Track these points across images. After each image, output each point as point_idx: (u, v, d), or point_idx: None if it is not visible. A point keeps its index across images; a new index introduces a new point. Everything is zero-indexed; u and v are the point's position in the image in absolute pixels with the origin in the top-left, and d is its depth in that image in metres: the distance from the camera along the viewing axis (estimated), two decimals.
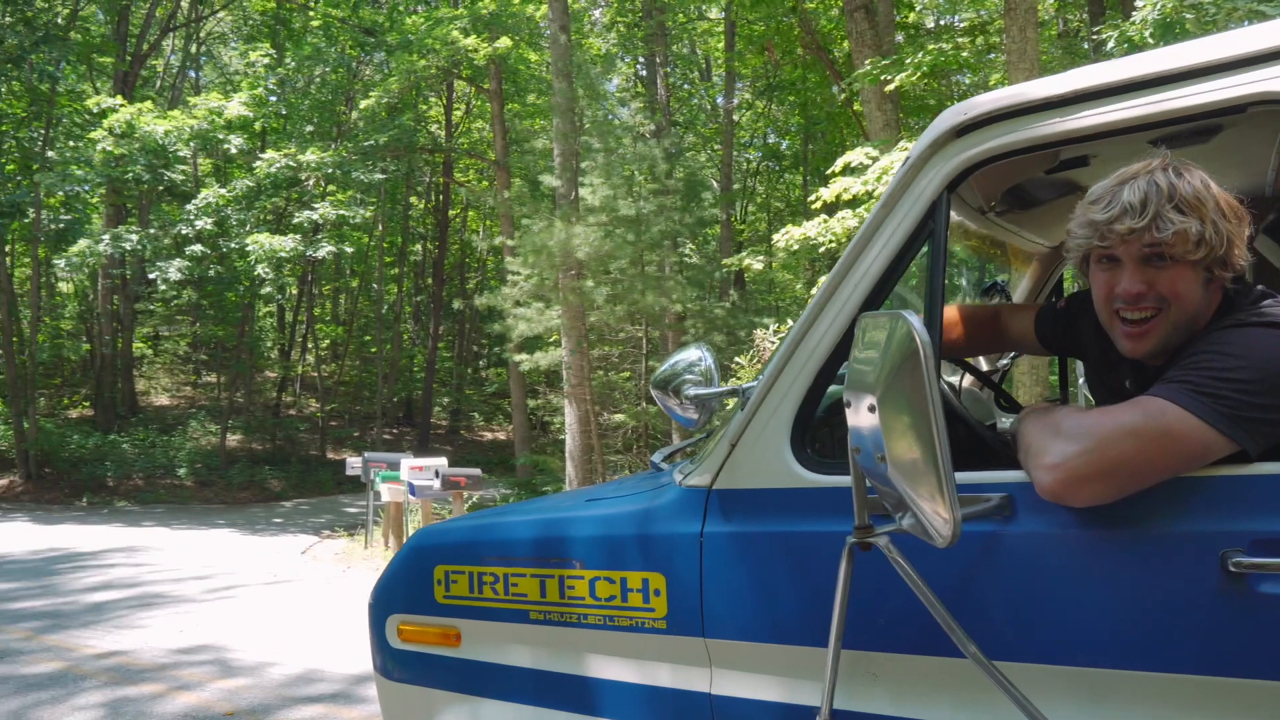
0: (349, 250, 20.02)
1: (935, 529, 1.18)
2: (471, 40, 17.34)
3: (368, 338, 30.81)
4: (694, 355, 2.06)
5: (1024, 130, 1.61)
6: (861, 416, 1.25)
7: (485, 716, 2.04)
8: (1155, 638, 1.35)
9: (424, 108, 26.91)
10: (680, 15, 22.57)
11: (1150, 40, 8.04)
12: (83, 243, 17.14)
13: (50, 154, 19.15)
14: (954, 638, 1.36)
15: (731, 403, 2.24)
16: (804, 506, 1.66)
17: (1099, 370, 1.86)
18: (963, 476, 1.57)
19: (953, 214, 2.60)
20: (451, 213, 30.85)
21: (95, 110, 17.72)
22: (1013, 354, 3.22)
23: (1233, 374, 1.35)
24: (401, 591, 2.26)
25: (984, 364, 3.24)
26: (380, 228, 26.94)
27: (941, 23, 18.77)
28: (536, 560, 1.99)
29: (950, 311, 2.21)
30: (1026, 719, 1.37)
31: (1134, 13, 8.17)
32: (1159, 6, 7.60)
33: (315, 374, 28.87)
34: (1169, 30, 7.68)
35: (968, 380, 3.00)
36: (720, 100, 24.06)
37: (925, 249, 1.68)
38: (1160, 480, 1.35)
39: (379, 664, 2.32)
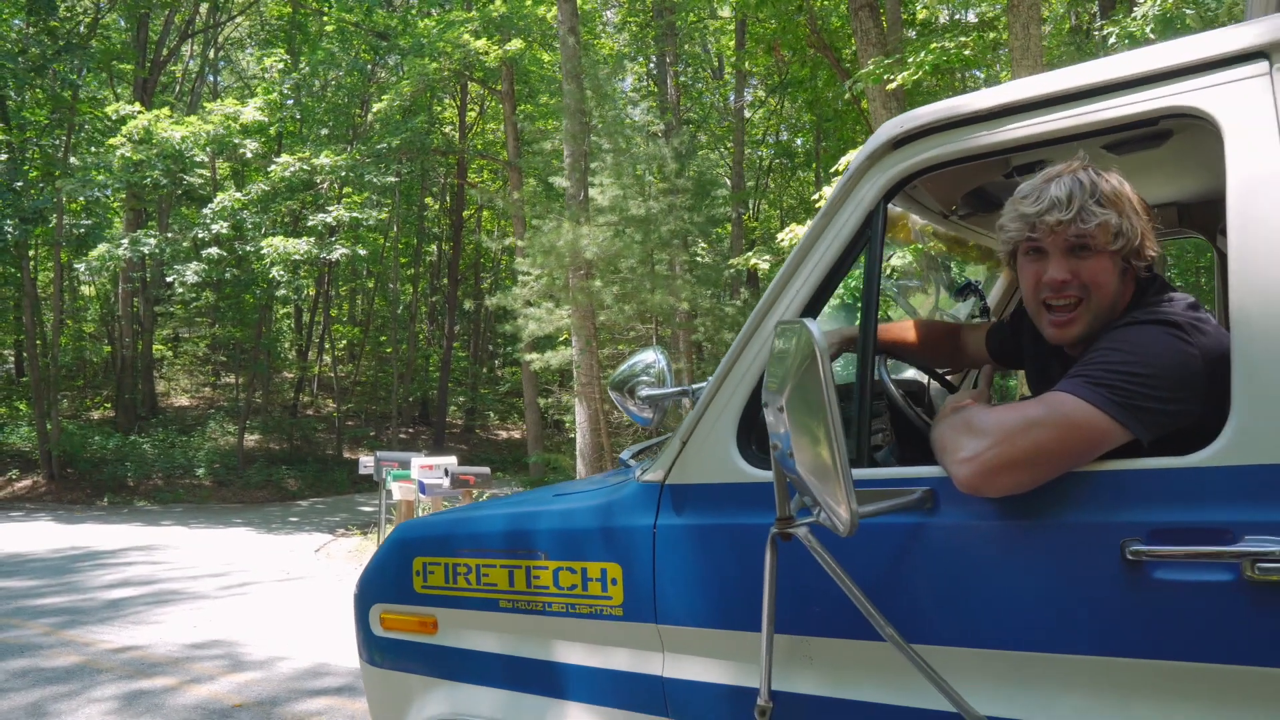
0: (363, 253, 20.18)
1: (837, 520, 1.28)
2: (482, 43, 17.48)
3: (384, 338, 31.06)
4: (649, 358, 2.17)
5: (957, 142, 1.70)
6: (773, 417, 1.35)
7: (460, 699, 2.15)
8: (1062, 621, 1.45)
9: (438, 109, 27.13)
10: (692, 15, 22.62)
11: (1152, 35, 8.07)
12: (103, 247, 17.39)
13: (72, 160, 19.45)
14: (872, 621, 1.46)
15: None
16: (747, 500, 1.76)
17: (1035, 369, 1.96)
18: (889, 472, 1.67)
19: (917, 218, 2.71)
20: (466, 213, 31.05)
21: (115, 117, 17.99)
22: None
23: (1126, 367, 1.45)
24: (383, 582, 2.37)
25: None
26: (395, 229, 27.15)
27: (956, 17, 18.74)
28: (505, 552, 2.10)
29: (918, 326, 2.31)
30: (943, 696, 1.47)
31: (1135, 8, 8.20)
32: (1159, 2, 7.63)
33: (332, 374, 29.15)
34: (1169, 25, 7.70)
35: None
36: (730, 99, 24.09)
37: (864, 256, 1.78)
38: (1068, 468, 1.44)
39: (363, 651, 2.44)
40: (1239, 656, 1.32)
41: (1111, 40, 8.22)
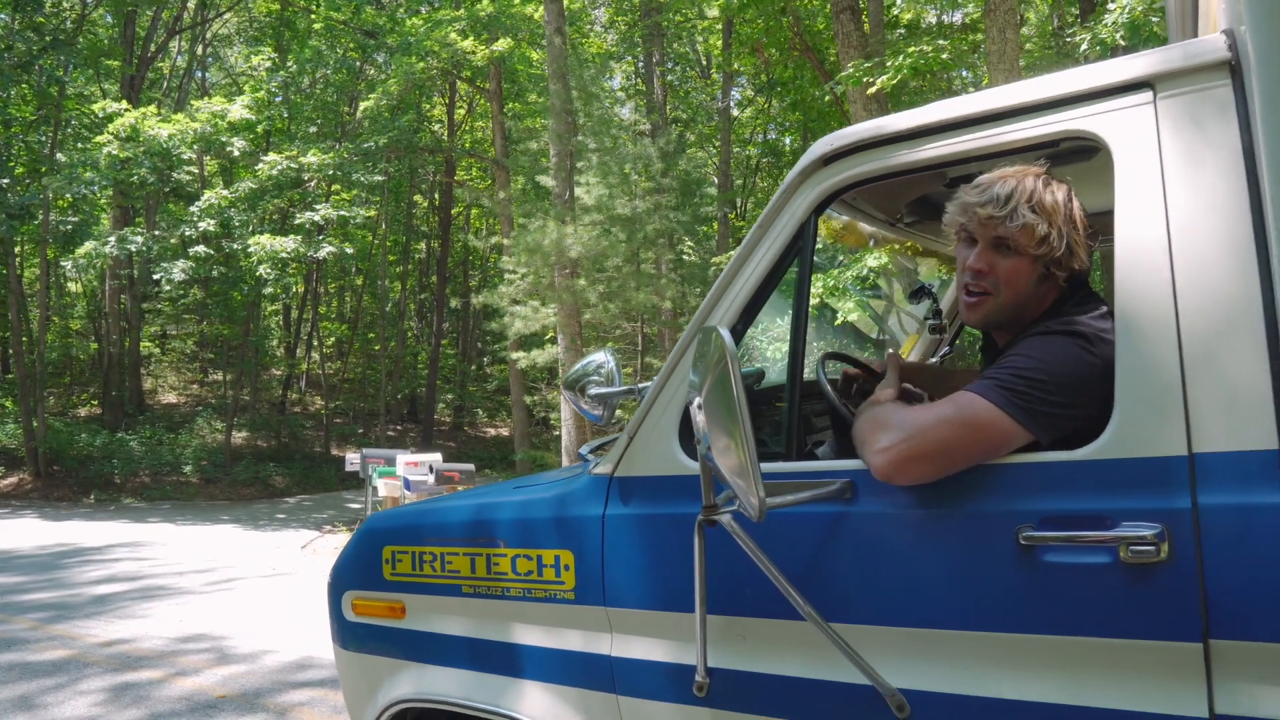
0: (350, 251, 20.23)
1: (749, 508, 1.42)
2: (470, 42, 17.56)
3: (372, 335, 31.11)
4: (600, 359, 2.32)
5: (881, 160, 1.84)
6: (695, 414, 1.50)
7: (426, 680, 2.28)
8: (965, 601, 1.59)
9: (427, 107, 27.18)
10: (679, 15, 22.74)
11: (1121, 41, 8.24)
12: (89, 244, 17.40)
13: (59, 156, 19.46)
14: (791, 601, 1.60)
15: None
16: (687, 491, 1.90)
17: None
18: (817, 465, 1.82)
19: (865, 226, 2.85)
20: (455, 211, 31.12)
21: (101, 115, 18.01)
22: (946, 350, 3.45)
23: (1031, 374, 1.59)
24: (355, 570, 2.51)
25: (916, 354, 3.48)
26: (384, 226, 27.21)
27: (944, 19, 18.90)
28: (468, 540, 2.24)
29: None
30: (858, 670, 1.61)
31: (1106, 15, 8.36)
32: (1127, 10, 7.79)
33: (320, 371, 29.22)
34: (1137, 32, 7.87)
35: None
36: (717, 99, 24.22)
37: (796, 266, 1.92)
38: (972, 463, 1.59)
39: (336, 636, 2.57)
40: (1115, 630, 1.46)
41: (1084, 46, 8.38)
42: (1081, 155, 2.08)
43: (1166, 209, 1.52)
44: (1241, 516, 1.38)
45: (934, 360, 3.49)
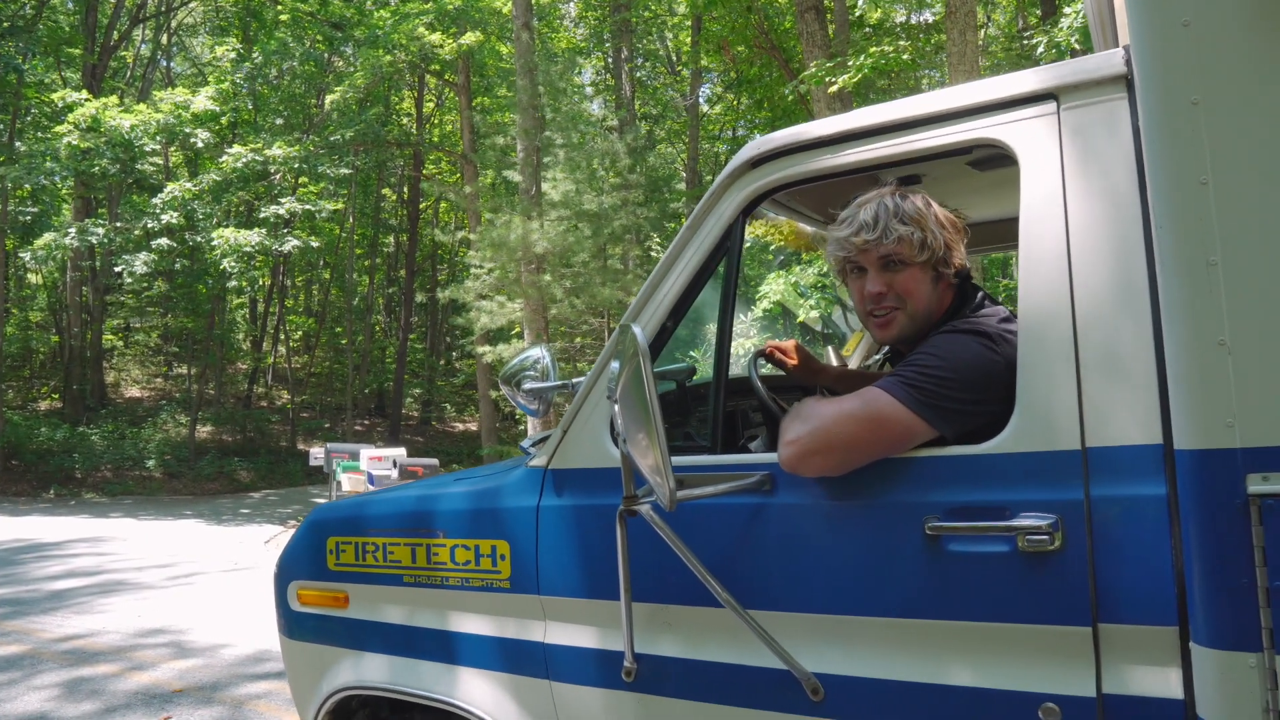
0: (315, 244, 20.08)
1: (661, 498, 1.48)
2: (438, 36, 17.48)
3: (339, 329, 30.92)
4: (536, 354, 2.37)
5: (805, 164, 1.91)
6: (612, 408, 1.56)
7: (367, 667, 2.33)
8: (876, 588, 1.66)
9: (395, 100, 27.01)
10: (648, 11, 22.77)
11: (1077, 46, 8.40)
12: (49, 235, 17.16)
13: (18, 145, 19.14)
14: (709, 588, 1.66)
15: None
16: (617, 482, 1.95)
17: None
18: (741, 458, 1.88)
19: (807, 227, 2.92)
20: (423, 205, 30.97)
21: (61, 104, 17.74)
22: (881, 354, 3.54)
23: (936, 371, 1.66)
24: (300, 560, 2.55)
25: (855, 361, 3.56)
26: (352, 220, 27.03)
27: (912, 19, 19.09)
28: (409, 531, 2.28)
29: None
30: (774, 655, 1.68)
31: (1063, 19, 8.52)
32: (1082, 15, 7.94)
33: (287, 365, 28.98)
34: (1090, 37, 8.02)
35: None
36: (684, 96, 24.28)
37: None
38: (876, 457, 1.66)
39: (282, 625, 2.61)
40: (1013, 616, 1.54)
41: (1040, 50, 8.53)
42: (1007, 161, 2.16)
43: (1066, 214, 1.59)
44: (1129, 507, 1.46)
45: (876, 358, 3.58)
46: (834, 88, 9.72)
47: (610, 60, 24.85)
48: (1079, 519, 1.49)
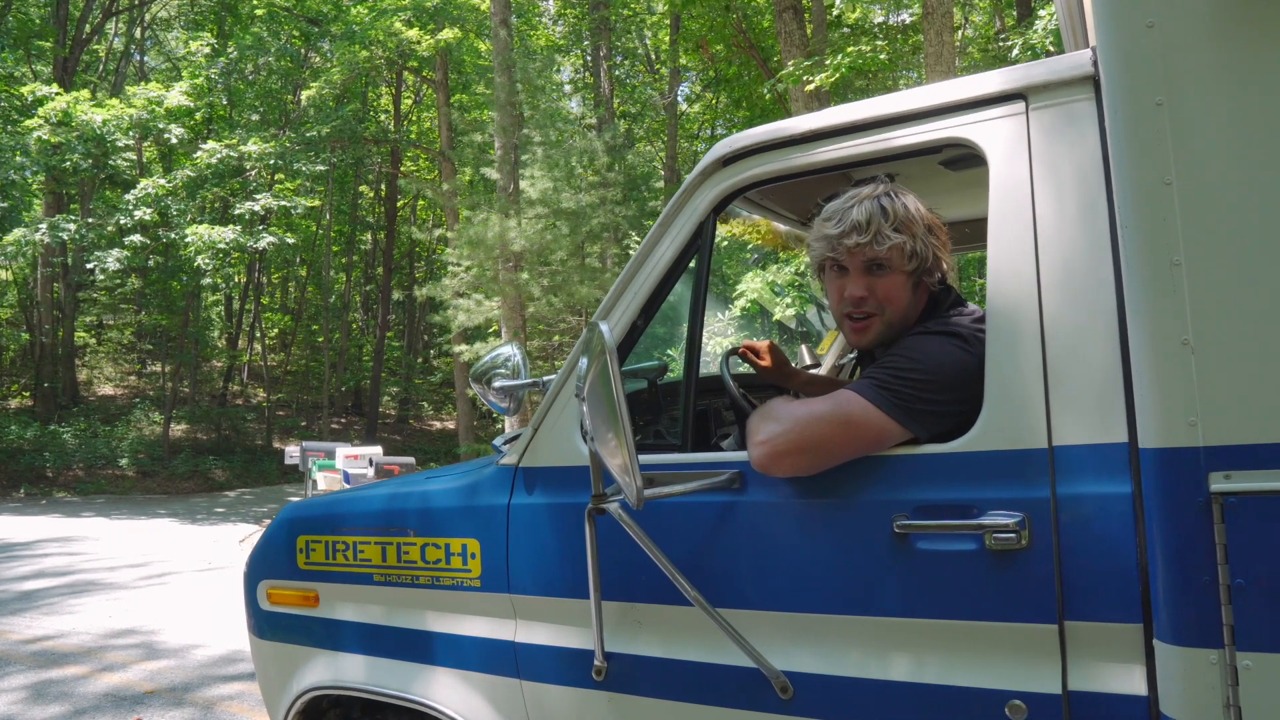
0: (291, 241, 19.90)
1: (629, 496, 1.48)
2: (415, 32, 17.39)
3: (316, 327, 30.67)
4: (507, 352, 2.36)
5: (776, 162, 1.90)
6: (580, 406, 1.55)
7: (337, 667, 2.31)
8: (845, 587, 1.67)
9: (373, 97, 26.84)
10: (627, 9, 22.75)
11: (1051, 48, 8.47)
12: (19, 231, 16.90)
13: None
14: (678, 586, 1.66)
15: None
16: (586, 481, 1.94)
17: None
18: (711, 456, 1.88)
19: (781, 226, 2.93)
20: (401, 202, 30.79)
21: (31, 98, 17.49)
22: (852, 355, 3.55)
23: (908, 373, 1.66)
24: (270, 560, 2.52)
25: (829, 360, 3.57)
26: (329, 217, 26.83)
27: (891, 19, 19.18)
28: (380, 529, 2.27)
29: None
30: (743, 653, 1.68)
31: (1037, 21, 8.58)
32: (1055, 17, 8.01)
33: (263, 363, 28.72)
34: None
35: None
36: (663, 95, 24.27)
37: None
38: (847, 457, 1.66)
39: (252, 625, 2.59)
40: (981, 614, 1.55)
41: (1015, 51, 8.60)
42: (978, 161, 2.17)
43: (1034, 214, 1.60)
44: (1095, 505, 1.47)
45: (850, 356, 3.60)
46: (811, 86, 9.75)
47: (589, 58, 24.81)
48: (1045, 517, 1.50)
